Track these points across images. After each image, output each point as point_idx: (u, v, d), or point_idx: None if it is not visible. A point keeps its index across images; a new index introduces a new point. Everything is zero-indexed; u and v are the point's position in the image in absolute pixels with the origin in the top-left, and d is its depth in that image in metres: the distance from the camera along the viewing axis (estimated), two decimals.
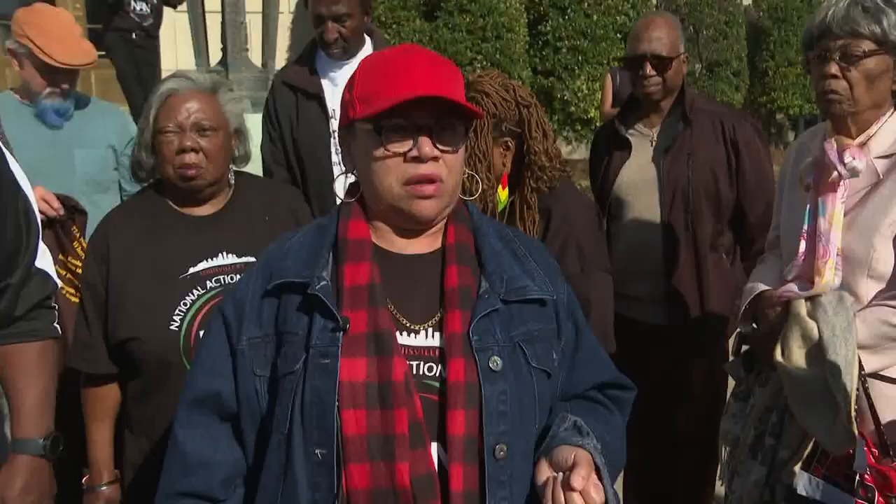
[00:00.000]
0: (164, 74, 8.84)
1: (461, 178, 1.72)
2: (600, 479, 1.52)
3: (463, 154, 1.70)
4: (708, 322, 3.41)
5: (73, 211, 3.06)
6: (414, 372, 1.59)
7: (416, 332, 1.64)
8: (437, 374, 1.60)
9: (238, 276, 2.42)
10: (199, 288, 2.42)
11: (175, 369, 2.34)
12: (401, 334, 1.62)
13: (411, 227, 1.70)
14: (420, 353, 1.62)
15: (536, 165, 2.70)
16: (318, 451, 1.55)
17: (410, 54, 1.66)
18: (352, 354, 1.57)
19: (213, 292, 2.42)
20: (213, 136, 2.47)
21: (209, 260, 2.46)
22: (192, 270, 2.44)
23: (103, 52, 7.38)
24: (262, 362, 1.67)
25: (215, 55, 8.60)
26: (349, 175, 1.77)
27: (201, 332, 2.35)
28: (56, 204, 2.99)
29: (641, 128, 3.57)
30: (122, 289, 2.42)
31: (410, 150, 1.61)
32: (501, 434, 1.57)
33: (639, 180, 3.49)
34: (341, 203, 1.76)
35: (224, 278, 2.45)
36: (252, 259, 2.45)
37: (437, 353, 1.62)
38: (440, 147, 1.62)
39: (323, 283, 1.62)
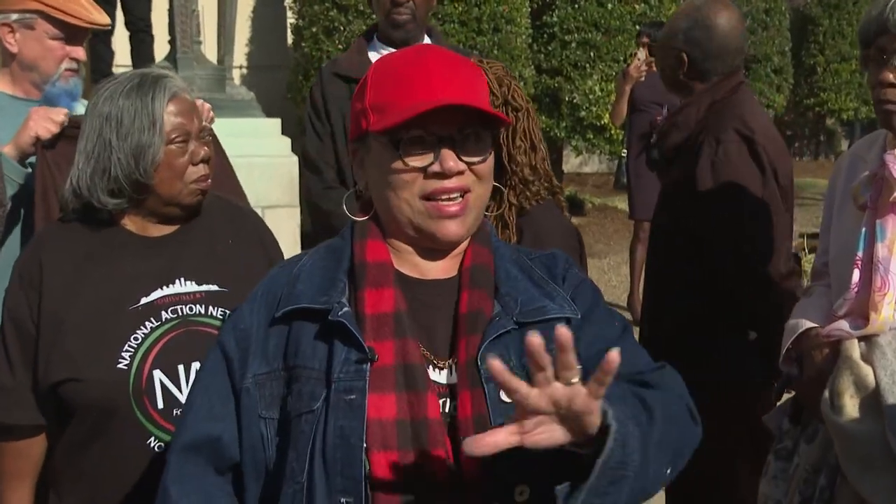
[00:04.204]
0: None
1: (490, 189, 1.78)
2: None
3: (492, 164, 1.76)
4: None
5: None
6: (442, 410, 1.65)
7: (441, 369, 1.70)
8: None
9: (198, 307, 2.44)
10: (153, 320, 2.41)
11: (121, 415, 2.34)
12: (428, 369, 1.68)
13: (434, 248, 1.76)
14: (446, 392, 1.68)
15: (518, 178, 2.73)
16: (343, 499, 1.60)
17: (426, 56, 1.73)
18: (380, 389, 1.62)
19: (169, 325, 2.41)
20: (210, 142, 2.51)
21: (165, 287, 2.46)
22: (144, 300, 2.43)
23: None
24: (268, 402, 1.71)
25: (161, 49, 8.59)
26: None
27: (156, 372, 2.35)
28: (55, 129, 3.02)
29: None
30: (57, 321, 2.39)
31: (431, 164, 1.67)
32: (520, 474, 1.60)
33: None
34: (353, 222, 1.81)
35: (182, 308, 2.44)
36: (214, 287, 2.47)
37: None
38: (465, 159, 1.69)
39: (345, 308, 1.67)
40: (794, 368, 2.73)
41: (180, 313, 2.43)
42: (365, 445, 1.59)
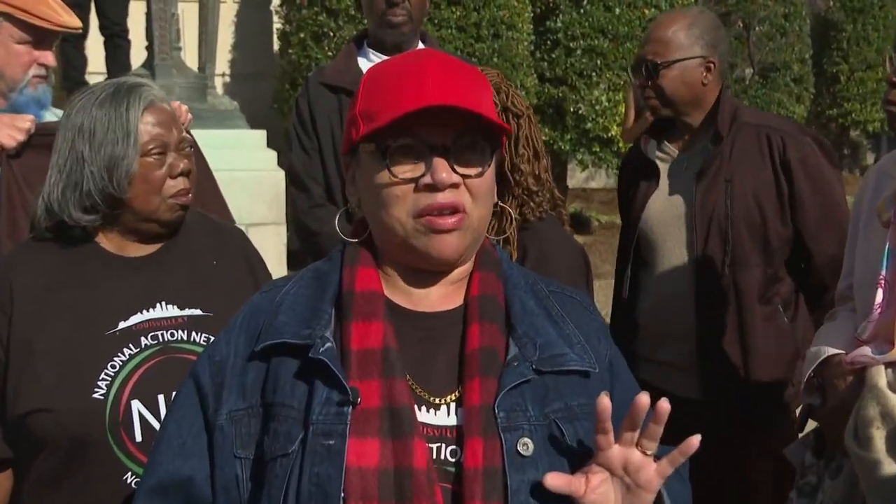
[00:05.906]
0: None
1: (490, 208, 1.75)
2: None
3: (492, 178, 1.73)
4: (755, 394, 3.42)
5: None
6: (434, 456, 1.62)
7: (437, 408, 1.66)
8: (460, 459, 1.62)
9: (180, 333, 2.44)
10: (131, 346, 2.41)
11: (95, 448, 2.34)
12: (419, 409, 1.65)
13: (429, 268, 1.73)
14: (442, 434, 1.65)
15: (522, 189, 2.74)
16: None
17: (423, 60, 1.70)
18: (362, 434, 1.59)
19: (149, 352, 2.42)
20: (190, 154, 2.53)
21: (145, 311, 2.47)
22: (122, 325, 2.44)
23: None
24: (244, 441, 1.69)
25: (138, 55, 8.62)
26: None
27: (134, 402, 2.35)
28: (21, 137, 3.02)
29: (671, 149, 3.62)
30: (28, 347, 2.39)
31: (423, 176, 1.64)
32: None
33: (667, 216, 3.54)
34: (345, 246, 1.79)
35: (163, 334, 2.45)
36: (197, 311, 2.48)
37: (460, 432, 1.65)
38: (460, 171, 1.65)
39: (327, 345, 1.64)
40: (817, 398, 2.72)
41: (161, 339, 2.43)
42: (343, 496, 1.56)
